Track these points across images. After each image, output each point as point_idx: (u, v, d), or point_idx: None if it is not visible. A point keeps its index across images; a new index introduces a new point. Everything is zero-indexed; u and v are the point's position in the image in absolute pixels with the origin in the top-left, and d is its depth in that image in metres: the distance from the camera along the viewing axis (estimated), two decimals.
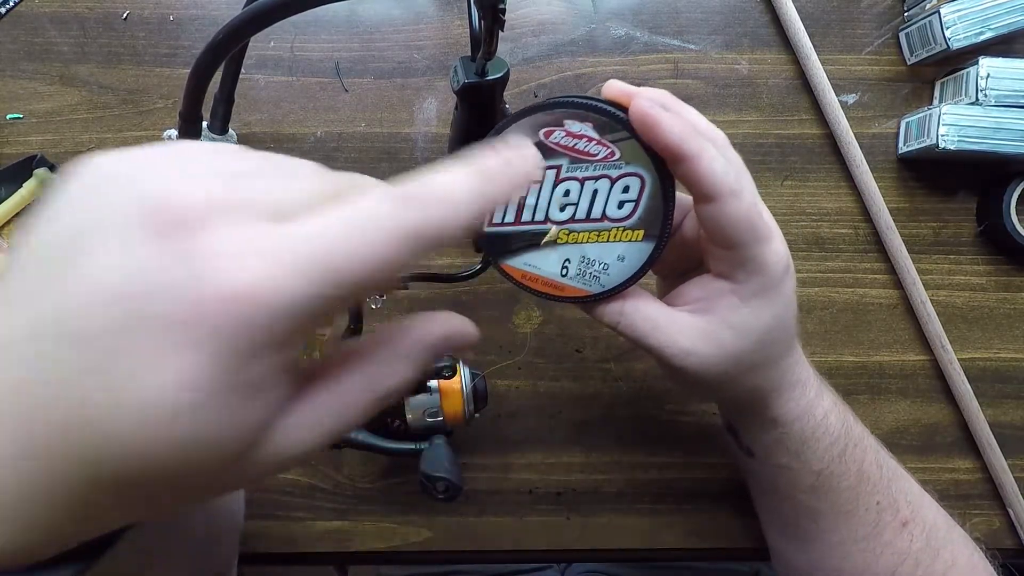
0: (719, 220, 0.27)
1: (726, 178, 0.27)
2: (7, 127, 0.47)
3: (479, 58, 0.29)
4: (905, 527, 0.35)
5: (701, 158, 0.26)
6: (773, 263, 0.29)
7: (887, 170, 0.47)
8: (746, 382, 0.32)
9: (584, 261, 0.30)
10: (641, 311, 0.31)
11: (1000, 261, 0.47)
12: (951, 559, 0.35)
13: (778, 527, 0.40)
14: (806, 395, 0.33)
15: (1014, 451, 0.46)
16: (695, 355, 0.30)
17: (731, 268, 0.29)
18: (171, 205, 0.15)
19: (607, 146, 0.28)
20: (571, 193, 0.29)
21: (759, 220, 0.28)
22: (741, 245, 0.28)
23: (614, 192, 0.29)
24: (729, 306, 0.30)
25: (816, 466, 0.34)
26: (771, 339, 0.31)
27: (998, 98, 0.42)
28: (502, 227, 0.30)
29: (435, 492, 0.35)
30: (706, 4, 0.47)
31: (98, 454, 0.15)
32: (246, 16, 0.29)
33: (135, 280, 0.15)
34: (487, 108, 0.31)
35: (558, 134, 0.28)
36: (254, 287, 0.15)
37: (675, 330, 0.30)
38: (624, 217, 0.29)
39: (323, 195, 0.17)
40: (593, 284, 0.31)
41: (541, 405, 0.46)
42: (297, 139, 0.47)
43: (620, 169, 0.28)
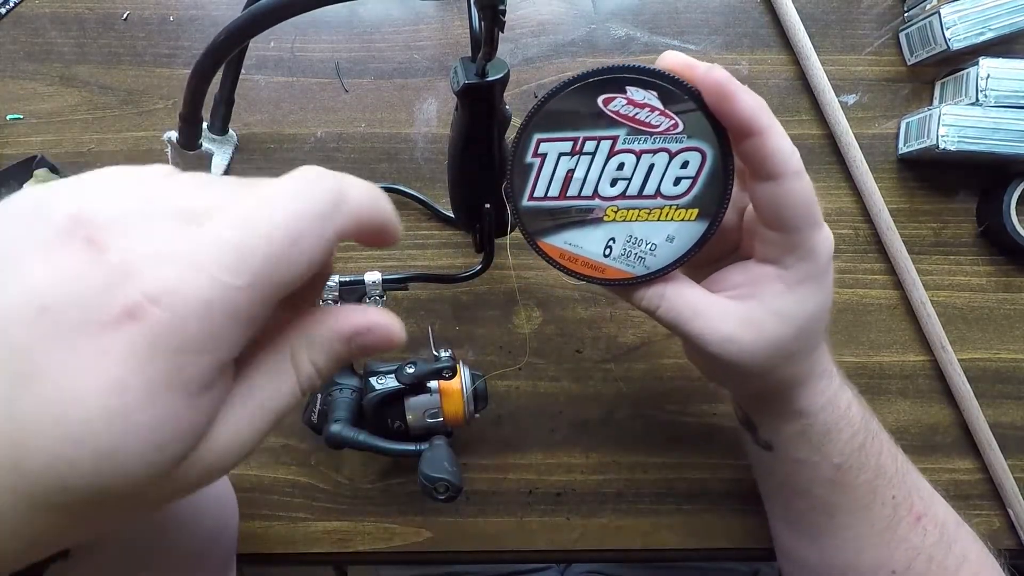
0: (779, 200, 0.27)
1: (793, 156, 0.26)
2: (7, 127, 0.47)
3: (479, 59, 0.29)
4: (919, 522, 0.34)
5: (772, 133, 0.25)
6: (823, 250, 0.28)
7: (887, 170, 0.47)
8: (780, 371, 0.31)
9: (630, 240, 0.29)
10: (684, 296, 0.29)
11: (1000, 261, 0.47)
12: (962, 554, 0.35)
13: (789, 523, 0.39)
14: (831, 385, 0.33)
15: (1014, 451, 0.46)
16: (736, 343, 0.29)
17: (781, 253, 0.28)
18: (85, 217, 0.16)
19: (670, 117, 0.26)
20: (625, 167, 0.27)
21: (815, 203, 0.27)
22: (796, 229, 0.27)
23: (672, 167, 0.27)
24: (774, 292, 0.29)
25: (836, 459, 0.33)
26: (811, 328, 0.30)
27: (998, 99, 0.42)
28: (543, 201, 0.28)
29: (435, 493, 0.35)
30: (706, 4, 0.47)
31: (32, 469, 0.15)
32: (246, 18, 0.29)
33: (56, 290, 0.15)
34: (487, 109, 0.31)
35: (619, 102, 0.26)
36: (170, 288, 0.15)
37: (717, 317, 0.29)
38: (679, 195, 0.28)
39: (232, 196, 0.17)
40: (637, 265, 0.29)
41: (541, 405, 0.46)
42: (297, 139, 0.47)
43: (681, 143, 0.27)
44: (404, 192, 0.46)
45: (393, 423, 0.39)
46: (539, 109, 0.27)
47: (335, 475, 0.46)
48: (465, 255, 0.46)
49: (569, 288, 0.46)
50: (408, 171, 0.46)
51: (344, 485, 0.46)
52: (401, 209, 0.47)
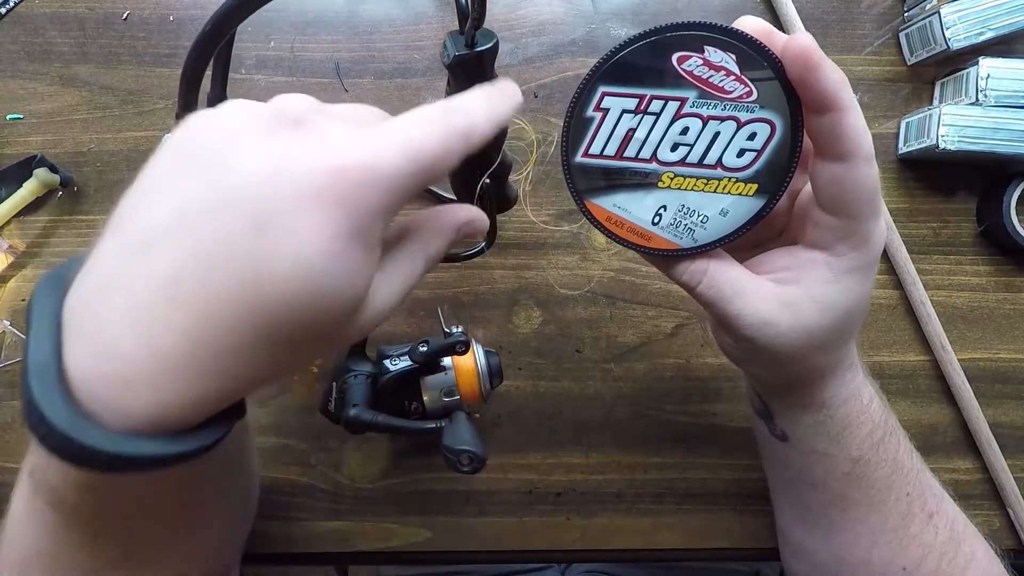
0: (845, 183, 0.26)
1: (866, 137, 0.25)
2: (7, 127, 0.47)
3: (468, 28, 0.28)
4: (931, 519, 0.34)
5: (850, 111, 0.24)
6: (876, 241, 0.27)
7: (887, 170, 0.47)
8: (811, 360, 0.31)
9: (682, 210, 0.27)
10: (728, 273, 0.28)
11: (1000, 261, 0.47)
12: (971, 553, 0.35)
13: (801, 517, 0.38)
14: (856, 378, 0.33)
15: (1014, 451, 0.46)
16: (774, 326, 0.28)
17: (834, 239, 0.27)
18: (288, 109, 0.21)
19: (746, 84, 0.25)
20: (689, 132, 0.26)
21: (879, 192, 0.27)
22: (856, 216, 0.26)
23: (738, 137, 0.26)
24: (820, 279, 0.28)
25: (854, 453, 0.33)
26: (850, 319, 0.29)
27: (998, 98, 0.42)
28: (598, 159, 0.27)
29: (459, 465, 0.34)
30: (706, 4, 0.47)
31: (263, 300, 0.19)
32: (231, 3, 0.29)
33: (280, 161, 0.19)
34: (479, 81, 0.31)
35: (693, 61, 0.25)
36: (370, 160, 0.19)
37: (758, 298, 0.28)
38: (741, 167, 0.26)
39: (368, 110, 0.24)
40: (685, 237, 0.28)
41: (541, 405, 0.46)
42: None
43: (752, 113, 0.25)
44: None
45: (410, 404, 0.39)
46: (609, 59, 0.26)
47: (335, 475, 0.46)
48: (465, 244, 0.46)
49: (569, 288, 0.46)
50: None
51: (344, 485, 0.46)
52: None
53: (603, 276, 0.46)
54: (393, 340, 0.45)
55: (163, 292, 0.18)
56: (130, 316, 0.19)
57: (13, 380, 0.46)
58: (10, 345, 0.46)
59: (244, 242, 0.18)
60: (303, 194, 0.19)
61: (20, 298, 0.46)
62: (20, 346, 0.46)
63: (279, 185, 0.19)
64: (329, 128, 0.21)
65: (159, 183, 0.20)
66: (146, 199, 0.20)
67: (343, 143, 0.20)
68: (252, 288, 0.18)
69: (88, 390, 0.19)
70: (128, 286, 0.19)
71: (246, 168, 0.19)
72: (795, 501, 0.39)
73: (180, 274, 0.18)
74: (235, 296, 0.18)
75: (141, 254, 0.19)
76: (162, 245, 0.19)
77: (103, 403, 0.19)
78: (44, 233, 0.46)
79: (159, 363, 0.19)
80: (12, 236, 0.46)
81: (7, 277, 0.46)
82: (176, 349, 0.19)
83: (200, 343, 0.19)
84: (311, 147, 0.19)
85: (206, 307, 0.18)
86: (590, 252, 0.46)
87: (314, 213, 0.19)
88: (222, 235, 0.18)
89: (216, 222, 0.18)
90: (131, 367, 0.19)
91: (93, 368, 0.19)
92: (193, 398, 0.19)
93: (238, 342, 0.19)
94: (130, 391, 0.19)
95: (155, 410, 0.19)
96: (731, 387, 0.46)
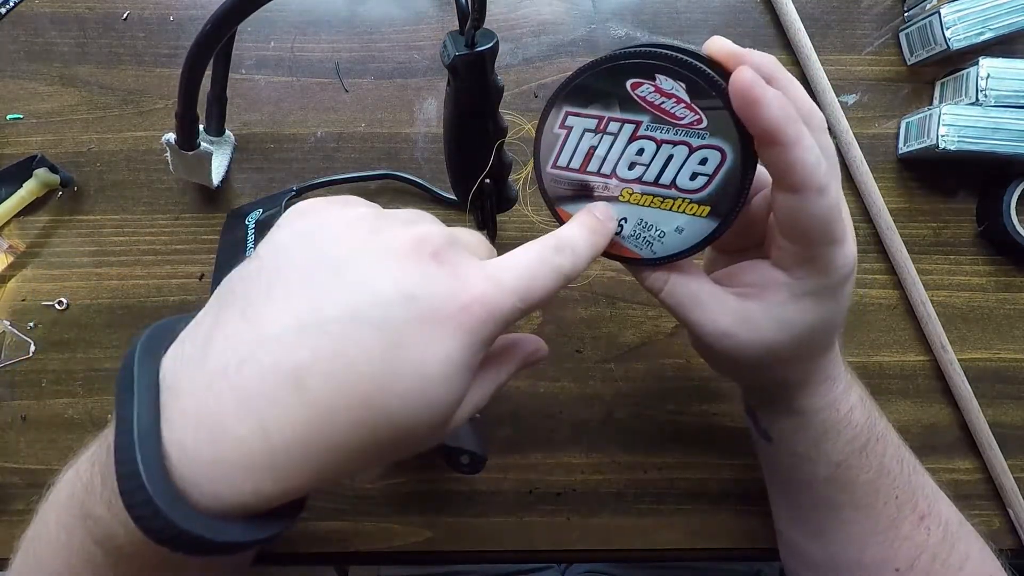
0: (797, 214, 0.26)
1: (816, 171, 0.25)
2: (7, 127, 0.47)
3: (468, 27, 0.29)
4: (923, 521, 0.34)
5: (796, 146, 0.24)
6: (838, 267, 0.28)
7: (887, 170, 0.47)
8: (776, 372, 0.31)
9: (641, 224, 0.29)
10: (686, 284, 0.30)
11: (1000, 261, 0.47)
12: (966, 552, 0.35)
13: (794, 518, 0.39)
14: (833, 391, 0.33)
15: (1014, 451, 0.46)
16: (731, 338, 0.29)
17: (793, 263, 0.28)
18: (431, 239, 0.22)
19: (695, 111, 0.26)
20: (644, 153, 0.27)
21: (838, 221, 0.27)
22: (812, 243, 0.27)
23: (690, 161, 0.27)
24: (778, 300, 0.29)
25: (835, 458, 0.33)
26: (811, 338, 0.30)
27: (998, 98, 0.42)
28: (565, 171, 0.29)
29: (460, 465, 0.34)
30: (706, 4, 0.47)
31: (384, 406, 0.20)
32: (231, 4, 0.29)
33: (420, 287, 0.21)
34: (479, 81, 0.31)
35: (646, 88, 0.26)
36: (491, 299, 0.22)
37: (717, 310, 0.29)
38: (694, 190, 0.27)
39: (480, 240, 0.27)
40: (645, 249, 0.30)
41: (541, 405, 0.46)
42: (297, 139, 0.47)
43: (703, 139, 0.26)
44: (402, 178, 0.46)
45: None
46: (571, 82, 0.27)
47: None
48: None
49: (569, 288, 0.46)
50: (408, 171, 0.46)
51: (344, 485, 0.46)
52: (401, 196, 0.47)
53: (603, 276, 0.47)
54: None
55: (288, 384, 0.19)
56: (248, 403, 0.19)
57: (13, 380, 0.46)
58: (10, 345, 0.46)
59: (378, 353, 0.20)
60: (434, 322, 0.21)
61: (20, 298, 0.46)
62: (21, 347, 0.46)
63: (414, 310, 0.21)
64: (459, 262, 0.23)
65: (289, 273, 0.21)
66: (275, 287, 0.21)
67: (470, 281, 0.22)
68: (378, 395, 0.20)
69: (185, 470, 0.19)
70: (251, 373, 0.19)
71: (387, 288, 0.21)
72: (788, 501, 0.39)
73: (309, 370, 0.19)
74: (360, 400, 0.20)
75: (270, 343, 0.20)
76: (294, 339, 0.20)
77: (196, 483, 0.19)
78: (44, 233, 0.46)
79: (270, 452, 0.19)
80: (12, 236, 0.46)
81: (7, 277, 0.46)
82: (291, 440, 0.19)
83: (314, 438, 0.20)
84: (444, 281, 0.22)
85: (330, 406, 0.20)
86: None
87: (441, 339, 0.21)
88: (358, 344, 0.20)
89: (354, 331, 0.20)
90: (239, 453, 0.19)
91: (198, 448, 0.19)
92: (288, 488, 0.20)
93: (350, 440, 0.20)
94: (230, 476, 0.19)
95: (248, 497, 0.20)
96: (731, 387, 0.46)
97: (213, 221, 0.46)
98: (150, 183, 0.47)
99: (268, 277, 0.21)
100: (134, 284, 0.46)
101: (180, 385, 0.20)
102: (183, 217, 0.46)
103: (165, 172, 0.45)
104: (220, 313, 0.21)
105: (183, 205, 0.47)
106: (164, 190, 0.46)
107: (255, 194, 0.46)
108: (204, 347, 0.20)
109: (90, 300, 0.46)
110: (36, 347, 0.46)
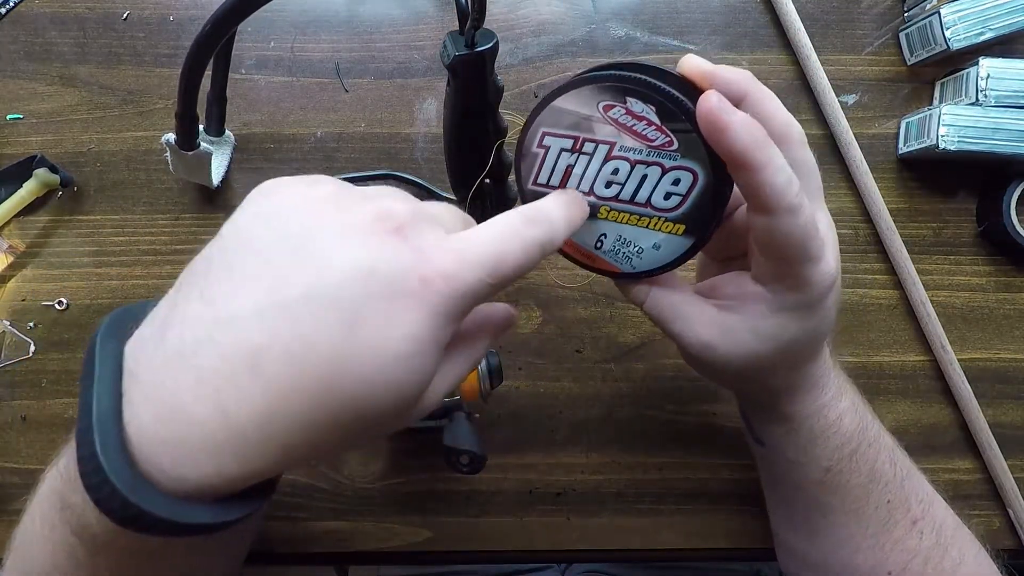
0: (770, 234, 0.26)
1: (785, 193, 0.25)
2: (7, 127, 0.47)
3: (468, 27, 0.29)
4: (915, 525, 0.35)
5: (764, 170, 0.25)
6: (816, 283, 0.28)
7: (887, 170, 0.47)
8: (760, 381, 0.32)
9: (620, 240, 0.30)
10: (667, 297, 0.31)
11: (1000, 261, 0.47)
12: (959, 557, 0.35)
13: (789, 519, 0.39)
14: (821, 397, 0.33)
15: (1014, 451, 0.46)
16: (711, 349, 0.30)
17: (770, 279, 0.28)
18: (394, 213, 0.21)
19: (666, 134, 0.26)
20: (619, 172, 0.28)
21: (812, 239, 0.27)
22: (788, 261, 0.27)
23: (663, 182, 0.27)
24: (756, 313, 0.29)
25: (824, 463, 0.34)
26: (793, 350, 0.30)
27: (998, 98, 0.42)
28: (546, 188, 0.29)
29: (459, 465, 0.35)
30: (706, 4, 0.47)
31: (344, 387, 0.20)
32: (231, 4, 0.29)
33: (379, 261, 0.20)
34: (479, 81, 0.31)
35: (617, 110, 0.26)
36: (455, 271, 0.21)
37: (697, 322, 0.30)
38: (669, 209, 0.28)
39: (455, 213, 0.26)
40: (625, 264, 0.30)
41: (541, 405, 0.46)
42: (297, 139, 0.47)
43: (675, 160, 0.26)
44: (402, 178, 0.46)
45: None
46: (545, 104, 0.27)
47: (335, 475, 0.46)
48: None
49: (569, 288, 0.46)
50: (408, 171, 0.46)
51: (344, 485, 0.46)
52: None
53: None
54: None
55: (246, 366, 0.19)
56: (206, 384, 0.19)
57: (13, 380, 0.46)
58: (10, 345, 0.46)
59: (336, 333, 0.19)
60: (394, 297, 0.20)
61: (20, 298, 0.46)
62: (21, 347, 0.46)
63: (373, 285, 0.20)
64: (422, 236, 0.22)
65: (248, 253, 0.21)
66: (235, 268, 0.20)
67: (433, 254, 0.21)
68: (337, 375, 0.19)
69: (147, 451, 0.19)
70: (208, 354, 0.19)
71: (345, 265, 0.20)
72: (783, 503, 0.39)
73: (267, 352, 0.19)
74: (318, 380, 0.19)
75: (227, 325, 0.19)
76: (252, 321, 0.19)
77: (158, 465, 0.19)
78: (44, 233, 0.46)
79: (230, 433, 0.19)
80: (12, 236, 0.46)
81: (7, 277, 0.46)
82: (250, 422, 0.19)
83: (274, 419, 0.19)
84: (405, 255, 0.21)
85: (289, 386, 0.19)
86: None
87: (402, 315, 0.20)
88: (315, 323, 0.19)
89: (311, 310, 0.19)
90: (199, 434, 0.19)
91: (157, 430, 0.19)
92: (252, 470, 0.20)
93: (310, 422, 0.20)
94: (192, 457, 0.19)
95: (212, 479, 0.19)
96: None
97: (213, 221, 0.46)
98: (150, 183, 0.47)
99: (228, 258, 0.21)
100: (134, 284, 0.46)
101: (139, 368, 0.20)
102: (183, 217, 0.46)
103: (165, 172, 0.45)
104: (179, 294, 0.21)
105: (183, 205, 0.47)
106: (164, 190, 0.46)
107: None
108: (162, 329, 0.20)
109: (90, 300, 0.46)
110: (36, 347, 0.46)
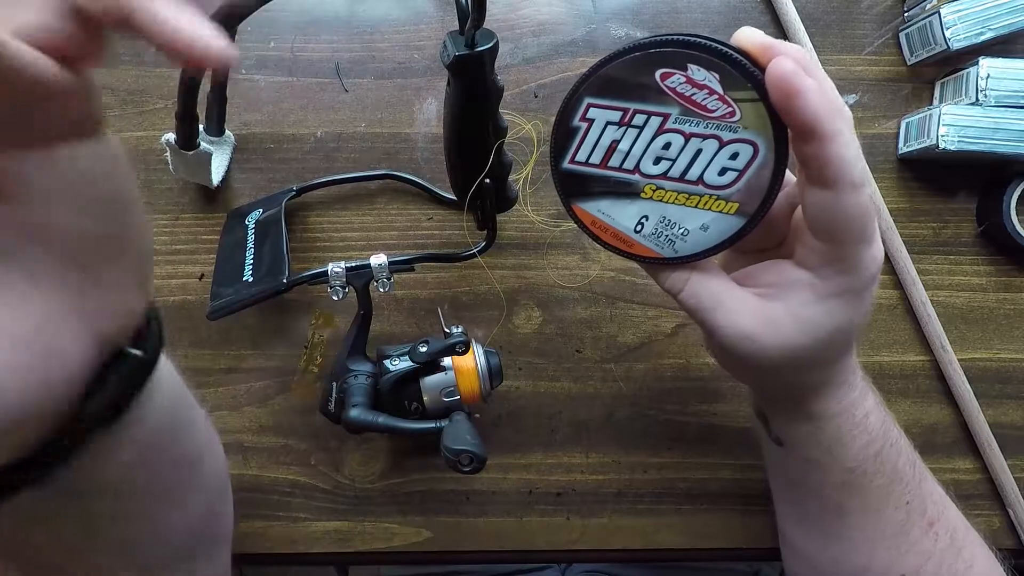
0: (830, 211, 0.25)
1: (854, 167, 0.24)
2: None
3: (468, 27, 0.29)
4: (931, 527, 0.34)
5: (835, 140, 0.23)
6: (866, 267, 0.27)
7: (887, 170, 0.47)
8: (794, 376, 0.31)
9: (663, 222, 0.28)
10: (708, 285, 0.29)
11: (1000, 261, 0.47)
12: (971, 559, 0.35)
13: (800, 521, 0.38)
14: (849, 395, 0.32)
15: (1014, 451, 0.46)
16: (753, 340, 0.28)
17: (821, 262, 0.27)
18: None
19: (728, 104, 0.24)
20: (671, 147, 0.26)
21: (872, 218, 0.26)
22: (842, 242, 0.26)
23: (719, 156, 0.26)
24: (803, 299, 0.28)
25: (849, 464, 0.33)
26: (834, 341, 0.29)
27: (998, 98, 0.42)
28: (584, 167, 0.27)
29: (459, 465, 0.35)
30: (706, 4, 0.47)
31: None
32: (230, 4, 0.30)
33: None
34: (479, 81, 0.31)
35: (676, 78, 0.24)
36: None
37: (738, 311, 0.28)
38: (723, 186, 0.26)
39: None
40: (666, 247, 0.28)
41: (541, 405, 0.46)
42: (297, 139, 0.47)
43: (735, 133, 0.25)
44: (402, 178, 0.46)
45: (410, 405, 0.39)
46: (594, 72, 0.26)
47: (335, 475, 0.46)
48: (472, 236, 0.46)
49: (569, 288, 0.46)
50: (408, 171, 0.46)
51: (344, 485, 0.46)
52: (401, 196, 0.47)
53: (603, 276, 0.46)
54: (393, 340, 0.45)
55: None
56: None
57: None
58: None
59: None
60: None
61: None
62: None
63: None
64: None
65: None
66: None
67: None
68: None
69: None
70: None
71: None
72: (795, 505, 0.39)
73: None
74: None
75: None
76: None
77: None
78: None
79: None
80: None
81: None
82: None
83: None
84: None
85: None
86: (590, 252, 0.46)
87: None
88: None
89: None
90: None
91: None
92: None
93: None
94: None
95: None
96: (731, 387, 0.46)
97: (213, 221, 0.46)
98: (150, 183, 0.47)
99: None
100: None
101: None
102: (183, 217, 0.46)
103: (165, 172, 0.45)
104: None
105: (183, 205, 0.47)
106: (164, 190, 0.46)
107: (255, 194, 0.46)
108: None
109: None
110: None
